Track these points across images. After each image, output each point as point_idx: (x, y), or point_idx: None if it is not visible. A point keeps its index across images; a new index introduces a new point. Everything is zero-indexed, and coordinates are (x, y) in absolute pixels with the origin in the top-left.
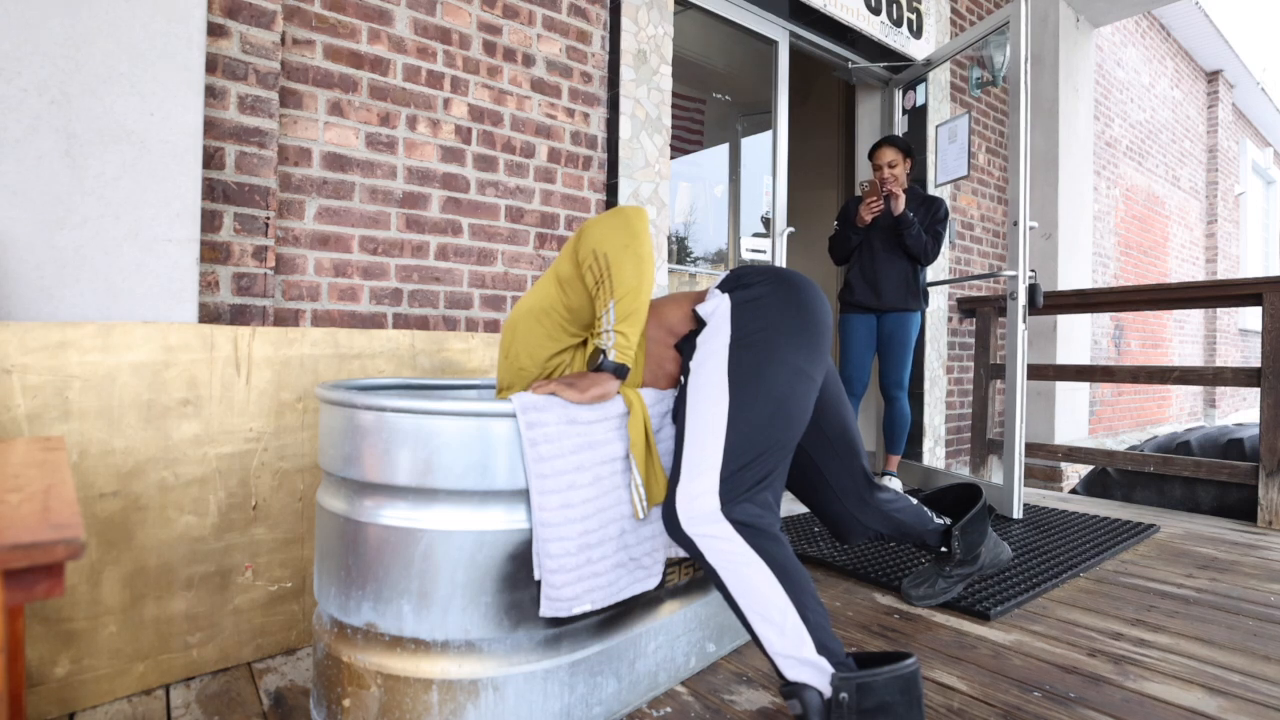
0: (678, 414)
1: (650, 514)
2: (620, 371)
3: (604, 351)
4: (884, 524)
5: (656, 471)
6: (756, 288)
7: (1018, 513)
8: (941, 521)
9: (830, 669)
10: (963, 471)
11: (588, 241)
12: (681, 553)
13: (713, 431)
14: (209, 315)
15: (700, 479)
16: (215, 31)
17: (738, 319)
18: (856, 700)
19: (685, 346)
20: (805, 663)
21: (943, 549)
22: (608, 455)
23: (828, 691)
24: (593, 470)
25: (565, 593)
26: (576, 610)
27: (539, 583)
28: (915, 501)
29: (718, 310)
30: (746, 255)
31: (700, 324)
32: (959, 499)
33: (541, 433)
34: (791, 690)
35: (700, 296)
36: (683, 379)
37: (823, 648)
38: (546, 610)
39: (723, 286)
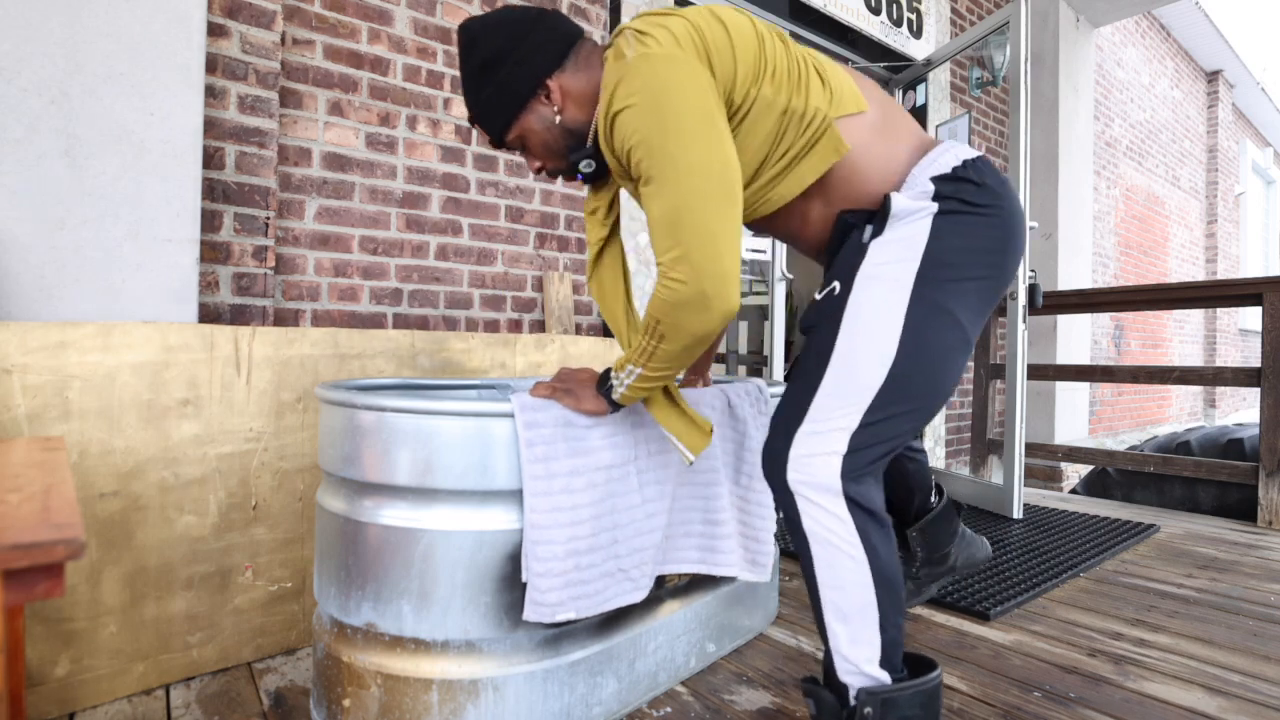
0: (814, 326)
1: (645, 525)
2: (617, 409)
3: (612, 384)
4: None
5: (685, 414)
6: (982, 197)
7: (1018, 513)
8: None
9: (886, 681)
10: (963, 471)
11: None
12: (671, 573)
13: (864, 382)
14: (209, 315)
15: (827, 437)
16: (215, 31)
17: (936, 241)
18: (880, 715)
19: (846, 223)
20: (863, 674)
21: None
22: (604, 461)
23: (853, 700)
24: (588, 475)
25: (550, 598)
26: (560, 617)
27: (526, 585)
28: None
29: (916, 217)
30: (746, 255)
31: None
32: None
33: (538, 434)
34: (814, 690)
35: (907, 164)
36: (836, 284)
37: (886, 662)
38: (530, 614)
39: (939, 178)
